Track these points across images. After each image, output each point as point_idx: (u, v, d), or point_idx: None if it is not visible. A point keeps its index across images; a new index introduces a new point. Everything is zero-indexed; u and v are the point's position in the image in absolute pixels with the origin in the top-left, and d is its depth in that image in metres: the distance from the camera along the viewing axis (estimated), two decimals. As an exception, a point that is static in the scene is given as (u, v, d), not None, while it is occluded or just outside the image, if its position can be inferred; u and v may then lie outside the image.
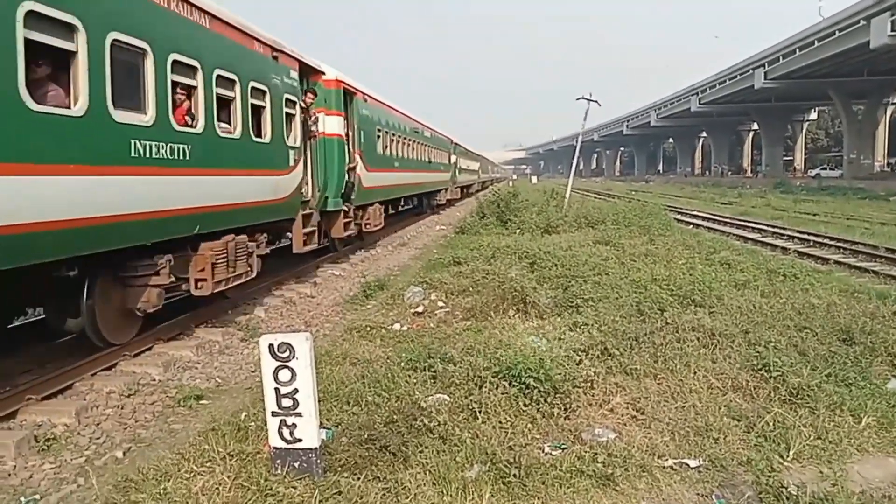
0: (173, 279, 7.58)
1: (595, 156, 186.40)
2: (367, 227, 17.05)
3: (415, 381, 5.74)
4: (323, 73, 13.24)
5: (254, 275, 9.45)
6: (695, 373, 5.79)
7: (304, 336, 3.99)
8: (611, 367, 5.98)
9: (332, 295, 11.40)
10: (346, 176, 14.32)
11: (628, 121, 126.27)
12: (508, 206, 22.02)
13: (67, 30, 5.72)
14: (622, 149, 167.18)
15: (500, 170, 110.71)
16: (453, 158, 36.15)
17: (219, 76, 8.28)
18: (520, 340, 6.88)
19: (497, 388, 5.25)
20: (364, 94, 16.40)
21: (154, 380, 6.72)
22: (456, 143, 38.12)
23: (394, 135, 20.28)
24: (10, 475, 4.66)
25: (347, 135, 14.59)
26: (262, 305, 10.07)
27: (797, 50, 57.92)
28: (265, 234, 10.17)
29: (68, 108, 5.75)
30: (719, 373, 5.79)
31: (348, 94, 14.72)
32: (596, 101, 24.83)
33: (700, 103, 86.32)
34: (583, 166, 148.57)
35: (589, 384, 5.51)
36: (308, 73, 12.33)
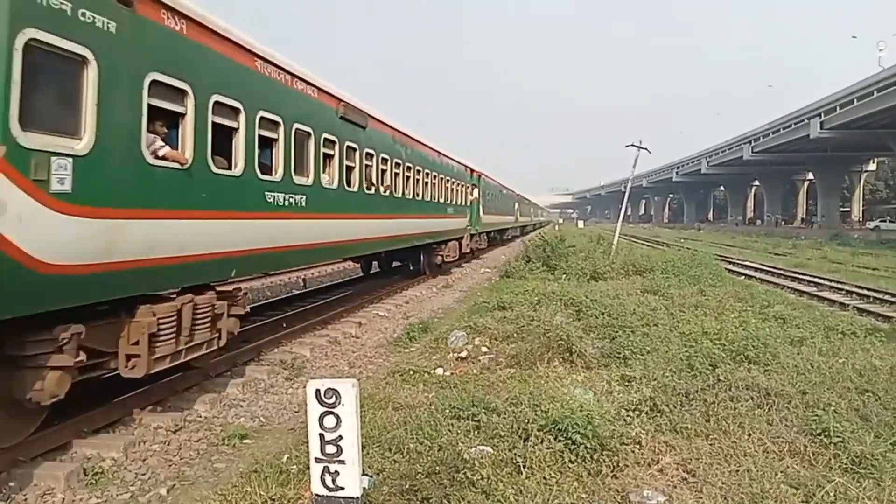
0: None
1: (643, 202, 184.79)
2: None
3: (458, 430, 5.66)
4: None
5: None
6: (749, 435, 5.56)
7: (351, 383, 3.99)
8: (660, 424, 5.80)
9: (376, 336, 11.44)
10: None
11: (678, 168, 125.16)
12: (555, 251, 21.91)
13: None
14: (671, 195, 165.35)
15: (544, 213, 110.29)
16: (474, 193, 27.24)
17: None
18: (566, 392, 6.75)
19: (542, 443, 5.13)
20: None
21: (200, 416, 6.80)
22: (480, 174, 29.03)
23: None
24: (58, 508, 4.74)
25: None
26: (307, 345, 10.15)
27: (855, 100, 56.86)
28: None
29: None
30: (775, 436, 5.55)
31: None
32: (646, 149, 24.61)
33: (753, 152, 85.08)
34: (631, 212, 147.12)
35: (637, 442, 5.34)
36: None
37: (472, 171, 27.21)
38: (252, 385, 7.99)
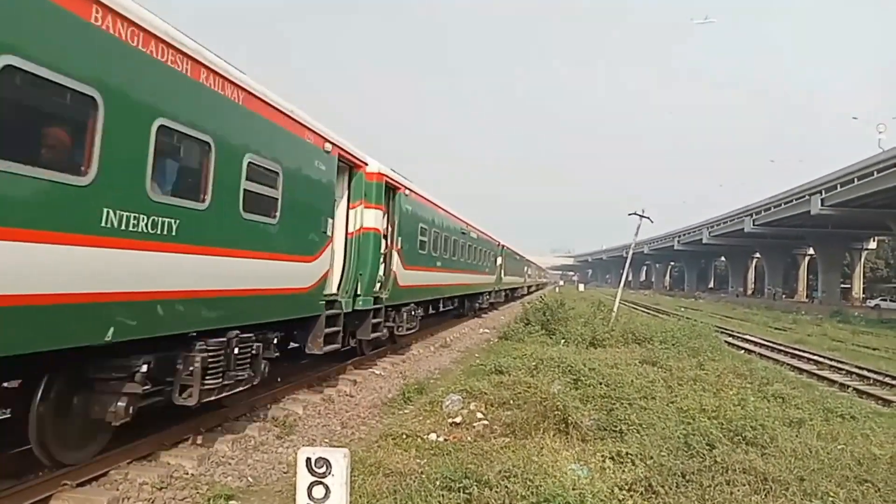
0: None
1: (644, 268, 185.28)
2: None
3: (448, 503, 5.55)
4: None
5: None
6: (745, 523, 5.45)
7: (343, 453, 3.96)
8: (655, 506, 5.69)
9: (370, 395, 11.31)
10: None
11: (680, 236, 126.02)
12: (554, 314, 21.82)
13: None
14: (672, 263, 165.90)
15: (546, 275, 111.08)
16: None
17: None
18: (560, 467, 6.64)
19: (534, 521, 5.03)
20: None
21: (187, 473, 6.67)
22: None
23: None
24: (34, 565, 4.62)
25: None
26: (301, 401, 10.03)
27: (856, 179, 57.67)
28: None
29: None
30: (772, 525, 5.44)
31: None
32: (648, 218, 24.89)
33: (754, 225, 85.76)
34: (631, 278, 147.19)
35: (631, 525, 5.23)
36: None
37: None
38: (242, 442, 7.86)
